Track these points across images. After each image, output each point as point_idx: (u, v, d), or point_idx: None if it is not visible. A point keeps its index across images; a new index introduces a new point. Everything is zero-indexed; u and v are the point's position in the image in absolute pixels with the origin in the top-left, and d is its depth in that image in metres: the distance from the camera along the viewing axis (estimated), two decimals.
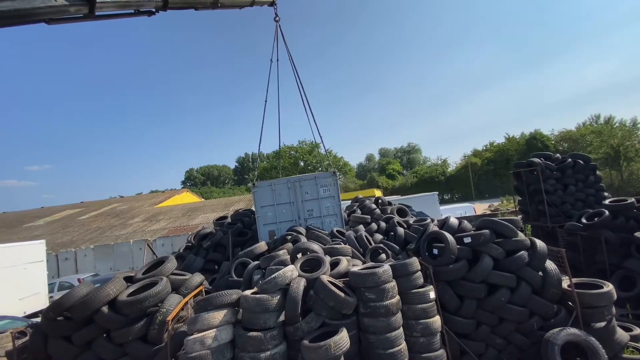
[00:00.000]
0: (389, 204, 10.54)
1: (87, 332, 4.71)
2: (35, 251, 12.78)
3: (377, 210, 9.45)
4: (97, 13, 4.88)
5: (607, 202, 8.54)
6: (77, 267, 20.60)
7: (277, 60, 10.24)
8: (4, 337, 6.15)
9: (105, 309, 4.71)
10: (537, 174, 10.63)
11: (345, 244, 6.94)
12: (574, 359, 4.69)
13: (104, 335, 4.78)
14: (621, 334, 5.01)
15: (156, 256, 7.40)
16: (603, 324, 4.92)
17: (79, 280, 13.99)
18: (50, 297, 12.72)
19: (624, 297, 6.65)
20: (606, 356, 4.44)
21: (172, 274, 5.71)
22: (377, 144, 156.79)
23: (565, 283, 5.17)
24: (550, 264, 5.24)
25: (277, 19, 9.90)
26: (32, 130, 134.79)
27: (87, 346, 4.74)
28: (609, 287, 5.03)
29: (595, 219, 8.06)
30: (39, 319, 6.22)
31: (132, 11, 5.42)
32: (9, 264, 11.47)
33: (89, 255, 20.90)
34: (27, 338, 5.36)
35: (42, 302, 11.93)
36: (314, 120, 10.25)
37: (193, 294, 5.30)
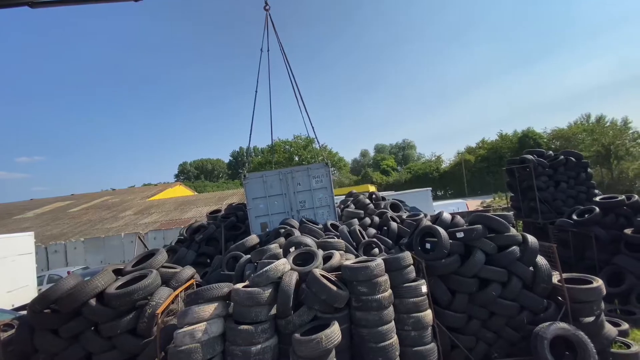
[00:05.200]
0: (383, 199, 10.53)
1: (75, 325, 4.63)
2: (23, 243, 12.57)
3: (371, 205, 9.42)
4: None
5: (597, 199, 8.64)
6: (67, 259, 20.34)
7: (268, 50, 10.28)
8: None
9: (93, 301, 4.63)
10: (529, 170, 10.71)
11: (338, 238, 6.91)
12: (563, 353, 4.74)
13: (92, 328, 4.70)
14: (609, 329, 5.07)
15: (147, 249, 7.29)
16: (592, 318, 4.98)
17: (68, 272, 13.78)
18: (39, 289, 12.54)
19: (613, 292, 6.77)
20: (594, 350, 4.49)
21: (163, 266, 5.62)
22: (372, 140, 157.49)
23: (556, 278, 5.21)
24: (541, 259, 5.27)
25: (267, 7, 9.94)
26: (22, 122, 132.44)
27: (75, 339, 4.66)
28: (598, 282, 5.08)
29: (586, 215, 8.15)
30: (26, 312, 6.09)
31: None
32: None
33: (79, 248, 20.63)
34: (14, 331, 5.26)
35: (30, 294, 11.72)
36: (306, 110, 10.21)
37: (183, 287, 5.23)
